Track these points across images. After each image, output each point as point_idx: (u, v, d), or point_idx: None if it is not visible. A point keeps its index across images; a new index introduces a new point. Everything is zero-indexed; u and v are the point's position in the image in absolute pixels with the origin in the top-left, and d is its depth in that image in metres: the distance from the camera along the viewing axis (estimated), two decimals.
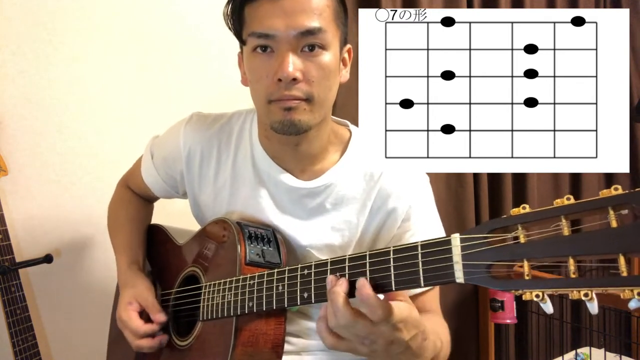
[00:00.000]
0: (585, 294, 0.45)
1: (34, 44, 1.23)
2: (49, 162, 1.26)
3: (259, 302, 0.76)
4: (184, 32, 1.43)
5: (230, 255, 0.83)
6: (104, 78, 1.32)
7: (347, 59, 0.88)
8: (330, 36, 0.79)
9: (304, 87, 0.78)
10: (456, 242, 0.54)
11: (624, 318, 2.17)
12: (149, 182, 1.05)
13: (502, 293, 1.76)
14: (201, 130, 0.97)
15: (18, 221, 1.22)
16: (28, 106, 1.23)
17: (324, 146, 0.89)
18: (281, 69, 0.76)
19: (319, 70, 0.78)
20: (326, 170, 0.89)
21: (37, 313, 1.25)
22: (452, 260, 0.55)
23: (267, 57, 0.79)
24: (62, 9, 1.26)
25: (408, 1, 1.69)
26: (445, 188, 1.83)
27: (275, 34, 0.76)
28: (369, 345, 0.62)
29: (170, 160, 1.00)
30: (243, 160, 0.94)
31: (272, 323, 0.80)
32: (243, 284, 0.78)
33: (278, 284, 0.73)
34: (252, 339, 0.79)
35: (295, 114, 0.79)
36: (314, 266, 0.69)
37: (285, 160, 0.90)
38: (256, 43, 0.79)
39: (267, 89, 0.79)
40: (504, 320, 1.78)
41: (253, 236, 0.84)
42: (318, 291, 0.68)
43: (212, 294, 0.83)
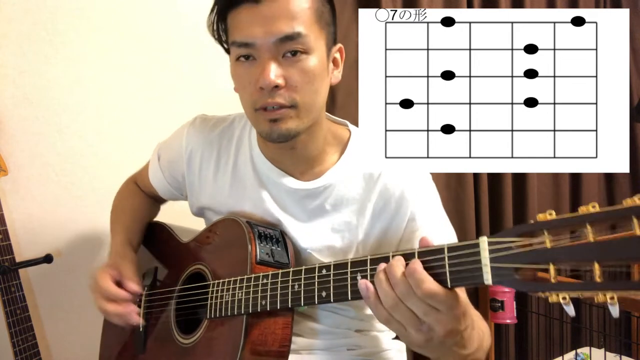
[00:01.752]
0: (611, 297, 0.48)
1: (34, 44, 1.23)
2: (49, 162, 1.26)
3: (272, 300, 0.76)
4: (184, 32, 1.43)
5: (240, 254, 0.82)
6: (104, 78, 1.32)
7: (339, 59, 0.87)
8: (312, 39, 0.77)
9: (286, 93, 0.77)
10: (484, 245, 0.56)
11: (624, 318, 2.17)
12: (155, 184, 1.07)
13: (502, 293, 1.76)
14: (203, 133, 0.98)
15: (18, 221, 1.22)
16: (28, 106, 1.23)
17: (321, 147, 0.89)
18: (262, 77, 0.75)
19: (302, 75, 0.77)
20: (325, 171, 0.89)
21: (37, 313, 1.25)
22: (480, 262, 0.56)
23: (249, 65, 0.79)
24: (62, 9, 1.26)
25: (408, 1, 1.69)
26: (445, 188, 1.83)
27: (255, 42, 0.76)
28: (426, 332, 0.62)
29: (174, 162, 1.01)
30: (244, 163, 0.94)
31: (281, 323, 0.80)
32: (256, 282, 0.78)
33: (294, 283, 0.74)
34: (262, 337, 0.79)
35: (281, 124, 0.79)
36: (333, 267, 0.70)
37: (285, 163, 0.90)
38: (238, 52, 0.79)
39: (251, 96, 0.79)
40: (504, 320, 1.78)
41: (263, 236, 0.84)
42: (337, 290, 0.69)
43: (222, 292, 0.83)
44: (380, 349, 1.00)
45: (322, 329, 0.94)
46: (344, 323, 0.95)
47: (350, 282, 0.68)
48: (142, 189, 1.13)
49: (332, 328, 0.95)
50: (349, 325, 0.96)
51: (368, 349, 0.98)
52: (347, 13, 1.58)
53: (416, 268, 0.59)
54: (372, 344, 0.99)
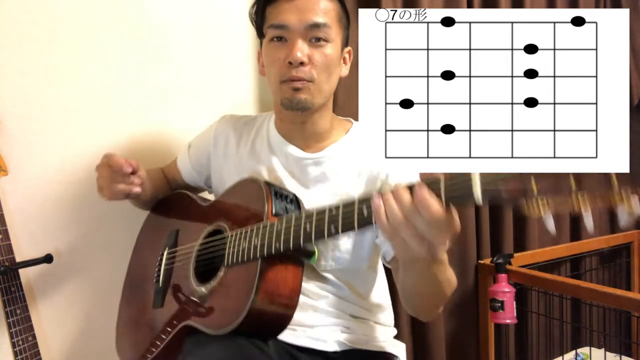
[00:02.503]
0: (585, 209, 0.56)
1: (34, 44, 1.23)
2: (49, 162, 1.26)
3: (285, 239, 0.82)
4: (184, 32, 1.43)
5: (257, 209, 0.91)
6: (104, 78, 1.32)
7: (347, 59, 1.07)
8: (333, 33, 0.98)
9: (308, 70, 0.96)
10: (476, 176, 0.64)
11: (624, 318, 2.17)
12: (181, 167, 1.25)
13: (502, 293, 1.76)
14: (231, 122, 1.19)
15: (18, 221, 1.22)
16: (28, 106, 1.23)
17: (327, 128, 1.07)
18: (292, 54, 0.94)
19: (322, 57, 0.97)
20: (328, 145, 1.06)
21: (37, 313, 1.25)
22: (470, 180, 0.64)
23: (281, 45, 0.98)
24: (62, 9, 1.26)
25: (408, 1, 1.69)
26: None
27: (289, 25, 0.95)
28: (427, 245, 0.69)
29: (202, 147, 1.20)
30: (261, 141, 1.12)
31: (291, 270, 0.87)
32: (270, 228, 0.85)
33: (306, 223, 0.80)
34: (273, 282, 0.85)
35: (301, 93, 0.96)
36: (342, 205, 0.76)
37: (295, 137, 1.07)
38: (273, 34, 0.98)
39: (279, 70, 0.97)
40: (504, 320, 1.78)
41: (279, 194, 0.94)
42: (346, 221, 0.75)
43: (238, 240, 0.90)
44: (374, 338, 1.07)
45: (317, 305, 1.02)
46: (337, 304, 1.04)
47: (357, 213, 0.73)
48: (166, 175, 1.29)
49: (327, 307, 1.03)
50: (342, 307, 1.04)
51: (361, 336, 1.04)
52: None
53: (424, 192, 0.66)
54: (365, 331, 1.06)
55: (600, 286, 1.61)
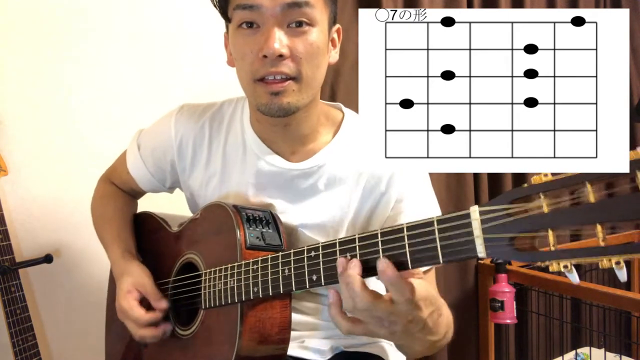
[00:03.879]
0: (617, 262, 0.44)
1: (34, 44, 1.23)
2: (49, 162, 1.26)
3: (264, 286, 0.74)
4: (185, 32, 1.43)
5: (229, 240, 0.81)
6: (104, 78, 1.32)
7: (337, 40, 0.86)
8: (317, 12, 0.76)
9: (291, 64, 0.75)
10: (475, 215, 0.52)
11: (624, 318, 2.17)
12: (135, 175, 1.02)
13: (502, 293, 1.76)
14: (192, 119, 0.96)
15: (18, 221, 1.22)
16: (28, 106, 1.23)
17: (314, 127, 0.88)
18: (267, 45, 0.73)
19: (306, 46, 0.76)
20: (318, 150, 0.88)
21: (37, 313, 1.25)
22: (472, 234, 0.52)
23: (252, 33, 0.76)
24: (62, 9, 1.26)
25: (408, 1, 1.69)
26: (445, 188, 1.83)
27: (261, 5, 0.73)
28: (388, 326, 0.61)
29: (160, 151, 0.98)
30: (233, 145, 0.93)
31: (278, 307, 0.79)
32: (246, 269, 0.76)
33: (284, 267, 0.71)
34: (259, 324, 0.77)
35: (283, 97, 0.77)
36: (322, 247, 0.67)
37: (276, 142, 0.89)
38: (241, 16, 0.76)
39: (251, 66, 0.77)
40: (504, 320, 1.78)
41: (251, 219, 0.82)
42: (327, 272, 0.66)
43: (214, 280, 0.81)
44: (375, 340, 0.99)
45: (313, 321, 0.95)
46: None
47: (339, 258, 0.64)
48: (118, 185, 1.09)
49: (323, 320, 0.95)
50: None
51: (363, 340, 0.97)
52: (347, 13, 1.58)
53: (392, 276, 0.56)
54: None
55: (600, 286, 1.61)
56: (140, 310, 0.87)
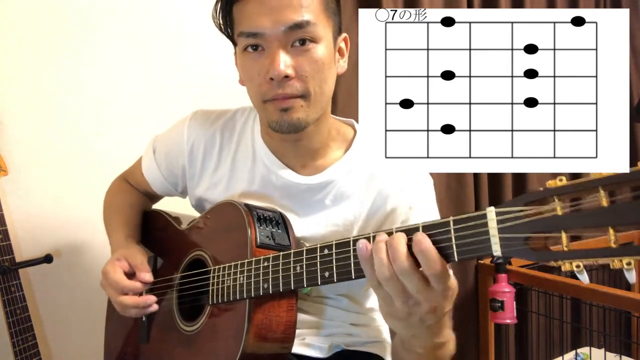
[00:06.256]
0: (627, 263, 0.46)
1: (34, 44, 1.23)
2: (49, 162, 1.26)
3: (274, 283, 0.74)
4: (184, 31, 1.43)
5: (239, 238, 0.81)
6: (104, 78, 1.32)
7: (344, 49, 0.88)
8: (320, 28, 0.78)
9: (297, 84, 0.77)
10: (492, 216, 0.54)
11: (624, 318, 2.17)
12: (149, 178, 1.04)
13: (502, 293, 1.76)
14: (205, 125, 0.97)
15: (18, 221, 1.22)
16: (28, 106, 1.23)
17: (325, 141, 0.90)
18: (272, 68, 0.75)
19: (311, 64, 0.78)
20: (328, 166, 0.89)
21: (37, 313, 1.25)
22: (488, 233, 0.54)
23: (257, 56, 0.78)
24: (62, 9, 1.26)
25: (408, 1, 1.69)
26: (445, 188, 1.83)
27: (264, 31, 0.76)
28: (411, 305, 0.61)
29: (173, 156, 1.00)
30: (243, 154, 0.94)
31: (285, 306, 0.79)
32: (257, 266, 0.77)
33: (296, 264, 0.72)
34: (266, 321, 0.78)
35: (292, 114, 0.79)
36: (335, 246, 0.68)
37: (287, 156, 0.90)
38: (246, 43, 0.79)
39: (260, 88, 0.79)
40: (504, 320, 1.78)
41: (262, 218, 0.83)
42: (340, 270, 0.67)
43: (223, 277, 0.82)
44: (379, 338, 1.00)
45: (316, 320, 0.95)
46: (337, 315, 0.96)
47: (353, 261, 0.66)
48: (134, 186, 1.11)
49: (326, 319, 0.95)
50: (341, 317, 0.96)
51: (364, 339, 0.98)
52: (347, 13, 1.58)
53: (427, 246, 0.57)
54: (369, 335, 1.00)
55: (600, 286, 1.61)
56: (121, 276, 0.87)
